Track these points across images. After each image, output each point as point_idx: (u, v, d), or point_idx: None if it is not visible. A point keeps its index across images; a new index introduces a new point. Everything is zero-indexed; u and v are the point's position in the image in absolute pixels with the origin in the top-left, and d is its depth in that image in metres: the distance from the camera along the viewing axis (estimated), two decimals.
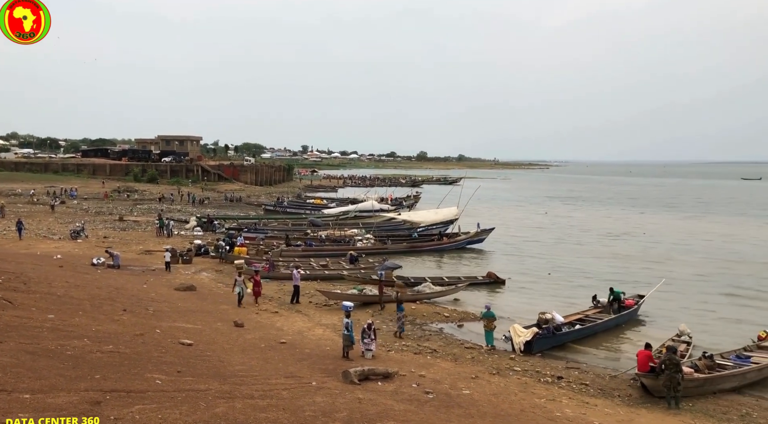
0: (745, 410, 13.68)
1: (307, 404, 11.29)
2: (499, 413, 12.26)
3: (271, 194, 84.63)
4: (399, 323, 19.30)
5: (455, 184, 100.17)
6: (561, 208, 73.18)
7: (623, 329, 21.33)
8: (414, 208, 66.11)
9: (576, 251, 39.57)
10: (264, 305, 22.33)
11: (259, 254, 33.23)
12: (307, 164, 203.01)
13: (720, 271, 32.04)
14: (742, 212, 68.45)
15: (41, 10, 11.20)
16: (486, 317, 18.87)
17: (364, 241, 39.31)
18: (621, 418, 12.70)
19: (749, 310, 23.90)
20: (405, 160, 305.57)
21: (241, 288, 21.39)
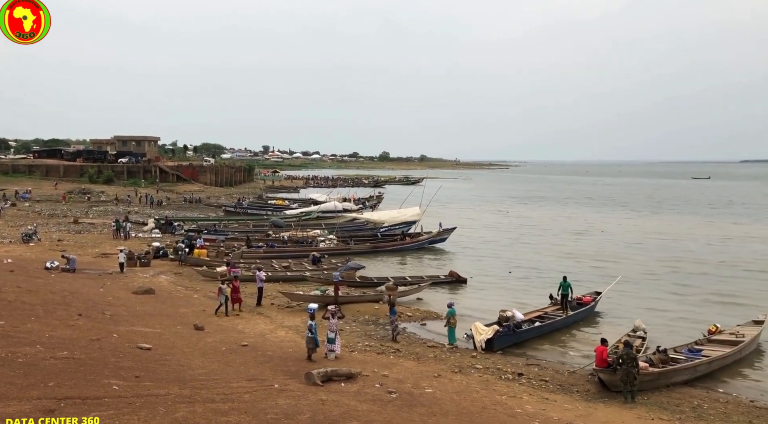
0: (696, 402, 14.15)
1: (269, 407, 11.22)
2: (461, 410, 12.40)
3: (231, 195, 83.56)
4: (393, 326, 19.14)
5: (417, 184, 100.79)
6: (521, 208, 74.35)
7: (581, 325, 21.80)
8: (377, 208, 66.19)
9: (535, 249, 40.26)
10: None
11: (219, 256, 32.78)
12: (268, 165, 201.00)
13: (672, 268, 33.04)
14: (692, 210, 70.74)
15: (41, 10, 11.28)
16: (450, 315, 19.02)
17: (327, 241, 39.18)
18: (579, 413, 12.99)
19: (700, 305, 24.72)
20: (367, 161, 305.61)
21: (225, 296, 20.68)
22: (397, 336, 18.95)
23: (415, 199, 46.52)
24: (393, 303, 19.93)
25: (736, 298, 25.83)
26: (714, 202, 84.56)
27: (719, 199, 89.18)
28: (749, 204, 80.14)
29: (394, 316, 19.18)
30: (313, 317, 15.87)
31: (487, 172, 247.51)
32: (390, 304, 19.80)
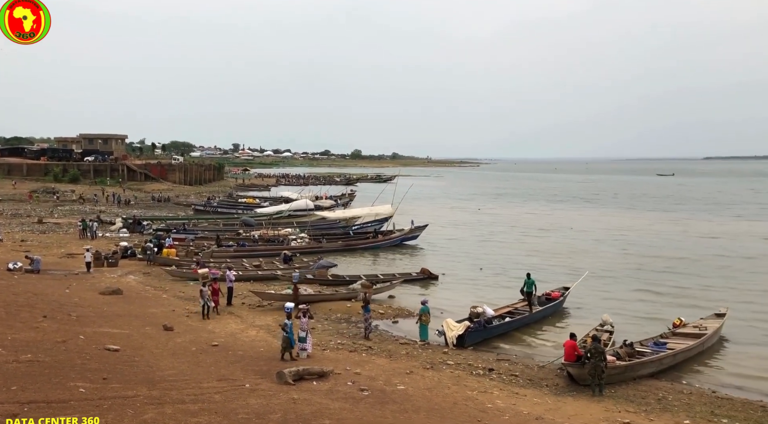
0: (661, 394, 14.48)
1: (240, 407, 11.15)
2: (432, 407, 12.49)
3: (201, 194, 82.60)
4: (366, 323, 19.12)
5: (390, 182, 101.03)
6: (491, 205, 75.04)
7: (550, 320, 22.12)
8: (349, 206, 66.12)
9: (506, 246, 40.70)
10: (195, 308, 21.78)
11: (189, 256, 32.41)
12: (238, 163, 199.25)
13: (638, 263, 33.72)
14: (657, 207, 72.28)
15: (41, 10, 11.31)
16: (423, 312, 19.10)
17: (299, 240, 39.02)
18: (549, 407, 13.18)
19: (665, 299, 25.25)
20: (339, 159, 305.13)
21: (207, 300, 20.18)
22: (370, 334, 18.97)
23: (387, 197, 46.61)
24: (368, 301, 19.94)
25: (699, 292, 26.48)
26: (678, 198, 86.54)
27: (683, 196, 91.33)
28: (711, 200, 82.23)
29: (368, 313, 19.19)
30: (290, 316, 15.78)
31: (458, 170, 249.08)
32: (365, 302, 19.81)
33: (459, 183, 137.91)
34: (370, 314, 19.37)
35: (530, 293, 21.77)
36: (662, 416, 12.89)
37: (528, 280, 21.93)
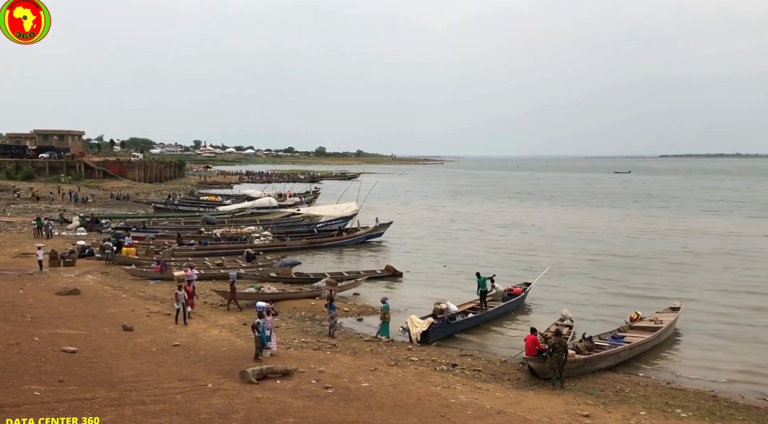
0: (619, 386, 14.87)
1: (202, 407, 11.03)
2: (397, 403, 12.56)
3: (161, 191, 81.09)
4: (331, 322, 19.06)
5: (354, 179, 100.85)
6: (455, 202, 75.71)
7: (512, 315, 22.48)
8: (313, 204, 65.80)
9: (470, 242, 41.13)
10: (156, 307, 21.43)
11: (149, 254, 31.82)
12: (200, 160, 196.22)
13: (597, 259, 34.54)
14: (615, 204, 74.01)
15: (41, 10, 11.28)
16: (384, 310, 19.16)
17: (262, 238, 38.68)
18: (511, 401, 13.40)
19: (623, 293, 25.92)
20: (303, 156, 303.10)
21: (183, 304, 19.38)
22: (334, 332, 18.94)
23: (352, 195, 46.55)
24: (332, 298, 19.89)
25: (655, 286, 27.26)
26: (634, 195, 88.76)
27: (639, 193, 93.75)
28: (666, 197, 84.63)
29: (334, 311, 19.17)
30: (262, 315, 15.62)
31: (422, 168, 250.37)
32: (330, 299, 19.77)
33: (423, 180, 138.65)
34: (335, 311, 19.34)
35: (485, 292, 21.95)
36: (620, 408, 13.24)
37: (479, 279, 22.07)
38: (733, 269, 31.27)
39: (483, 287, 21.92)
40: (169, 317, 20.04)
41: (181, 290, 19.55)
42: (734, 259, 34.00)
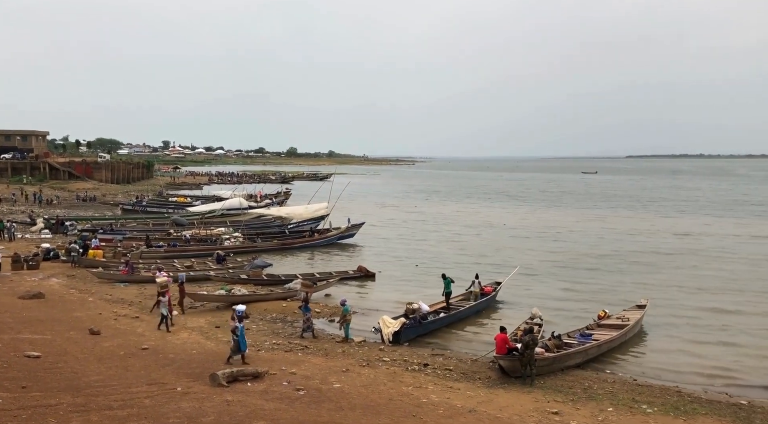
0: (587, 383, 15.13)
1: (171, 411, 10.89)
2: (368, 404, 12.57)
3: (129, 193, 79.68)
4: (306, 324, 18.93)
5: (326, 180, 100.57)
6: (427, 203, 76.04)
7: (483, 314, 22.67)
8: (284, 204, 65.41)
9: (441, 243, 41.35)
10: (123, 310, 21.07)
11: (116, 257, 31.26)
12: (169, 161, 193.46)
13: (565, 258, 35.05)
14: (582, 204, 75.25)
15: None
16: (345, 312, 19.05)
17: (232, 239, 38.30)
18: (481, 399, 13.52)
19: (591, 292, 26.35)
20: (274, 156, 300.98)
21: (166, 310, 18.74)
22: (306, 334, 18.84)
23: (324, 196, 46.41)
24: (308, 300, 19.79)
25: (622, 284, 27.77)
26: (601, 195, 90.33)
27: (605, 193, 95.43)
28: (631, 197, 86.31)
29: (308, 313, 19.08)
30: (241, 320, 15.44)
31: (394, 168, 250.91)
32: (305, 301, 19.68)
33: (395, 181, 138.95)
34: (310, 313, 19.25)
35: (449, 293, 22.00)
36: (588, 404, 13.47)
37: (445, 280, 22.13)
38: (697, 267, 32.03)
39: (448, 288, 21.99)
40: (137, 320, 19.73)
41: (164, 296, 18.90)
42: (698, 258, 34.82)
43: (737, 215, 59.23)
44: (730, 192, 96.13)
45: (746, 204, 72.08)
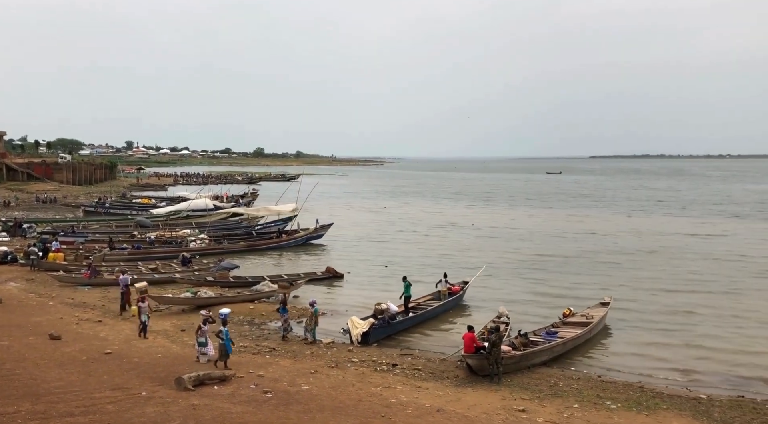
0: (553, 380, 15.35)
1: (135, 416, 10.69)
2: (337, 405, 12.53)
3: (91, 194, 77.96)
4: (285, 325, 18.76)
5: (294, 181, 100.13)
6: (395, 203, 76.24)
7: (451, 314, 22.83)
8: (251, 205, 64.82)
9: (410, 243, 41.51)
10: (86, 314, 20.58)
11: (78, 260, 30.56)
12: (132, 161, 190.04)
13: (531, 257, 35.53)
14: (547, 203, 76.41)
15: None
16: (315, 313, 18.94)
17: (198, 241, 37.78)
18: (450, 398, 13.60)
19: (557, 290, 26.74)
20: (241, 157, 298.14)
21: (146, 316, 18.12)
22: (290, 334, 18.69)
23: (292, 196, 46.17)
24: (285, 302, 19.65)
25: (587, 282, 28.28)
26: (565, 195, 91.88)
27: (570, 193, 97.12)
28: (595, 197, 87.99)
29: (286, 314, 18.93)
30: (225, 323, 15.24)
31: (362, 169, 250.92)
32: (282, 303, 19.53)
33: (363, 182, 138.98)
34: (288, 314, 19.10)
35: (408, 297, 21.92)
36: (554, 401, 13.67)
37: (405, 283, 22.05)
38: (659, 266, 32.77)
39: (407, 292, 21.92)
40: (100, 324, 19.32)
41: (144, 302, 18.34)
42: (660, 256, 35.66)
43: (696, 214, 60.87)
44: (690, 192, 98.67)
45: (705, 203, 74.15)
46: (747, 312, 22.79)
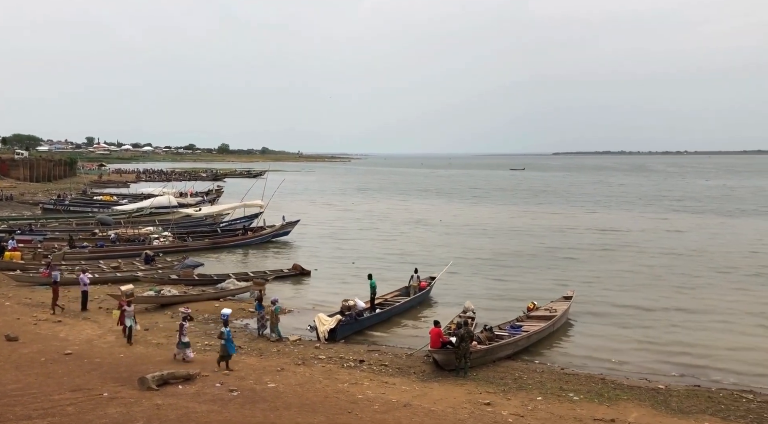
0: (517, 374, 15.60)
1: (97, 418, 10.49)
2: (304, 402, 12.51)
3: (50, 191, 75.83)
4: (260, 322, 18.60)
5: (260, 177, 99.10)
6: (363, 199, 76.20)
7: (418, 309, 22.98)
8: (216, 202, 63.98)
9: (378, 239, 41.56)
10: (44, 315, 20.05)
11: (36, 259, 29.71)
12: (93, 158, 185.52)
13: (496, 252, 35.97)
14: (510, 200, 77.38)
15: None
16: (277, 311, 18.82)
17: (162, 239, 37.13)
18: (416, 393, 13.70)
19: (521, 285, 27.16)
20: (205, 153, 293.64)
21: (133, 321, 17.29)
22: (265, 332, 18.53)
23: (258, 193, 45.69)
24: (261, 298, 19.44)
25: (550, 277, 28.76)
26: (529, 192, 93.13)
27: (533, 189, 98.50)
28: (558, 193, 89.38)
29: (262, 311, 18.75)
30: (227, 323, 15.05)
31: (329, 165, 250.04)
32: (258, 299, 19.30)
33: (330, 178, 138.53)
34: (264, 311, 18.92)
35: (373, 294, 21.86)
36: (518, 394, 13.89)
37: (371, 281, 22.06)
38: (620, 261, 33.49)
39: (372, 289, 21.85)
40: (60, 324, 18.85)
41: (130, 305, 17.50)
42: (621, 252, 36.44)
43: (657, 209, 62.36)
44: (651, 188, 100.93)
45: (665, 199, 75.99)
46: (703, 306, 23.50)
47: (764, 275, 29.05)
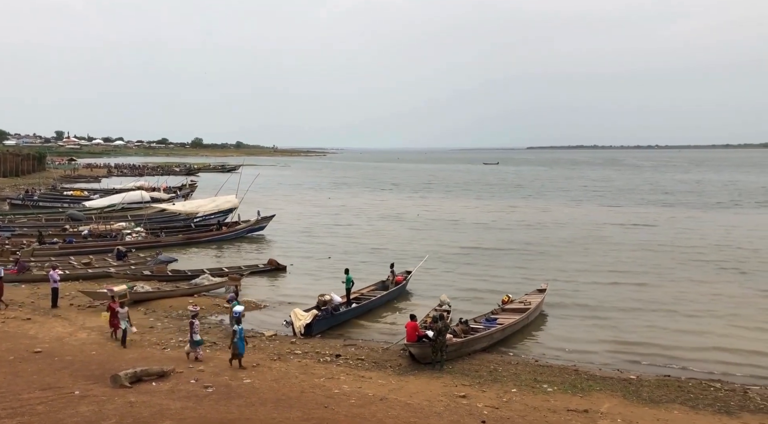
0: (492, 366, 15.75)
1: (68, 416, 10.33)
2: (280, 397, 12.46)
3: (18, 186, 74.12)
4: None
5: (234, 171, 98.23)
6: (339, 194, 76.00)
7: (395, 303, 23.03)
8: (190, 197, 63.24)
9: (354, 234, 41.50)
10: (12, 312, 19.62)
11: (5, 255, 29.03)
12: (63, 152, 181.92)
13: (471, 245, 36.21)
14: (484, 194, 77.93)
15: None
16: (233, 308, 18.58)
17: (134, 234, 36.58)
18: (393, 387, 13.75)
19: (496, 278, 27.37)
20: (179, 147, 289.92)
21: (127, 323, 16.67)
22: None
23: (232, 188, 45.29)
24: (237, 293, 19.23)
25: (524, 270, 29.08)
26: (503, 186, 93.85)
27: (508, 183, 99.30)
28: (532, 187, 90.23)
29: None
30: (239, 321, 14.81)
31: (305, 160, 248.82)
32: (235, 294, 19.06)
33: (306, 173, 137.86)
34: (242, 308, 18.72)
35: (349, 289, 21.80)
36: (493, 386, 14.03)
37: (347, 276, 21.91)
38: (593, 253, 33.97)
39: (347, 284, 21.77)
40: (29, 322, 18.47)
41: (123, 307, 16.93)
42: (595, 245, 36.92)
43: (630, 203, 63.27)
44: (625, 182, 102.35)
45: (638, 193, 77.11)
46: (674, 298, 23.93)
47: (733, 268, 29.72)
